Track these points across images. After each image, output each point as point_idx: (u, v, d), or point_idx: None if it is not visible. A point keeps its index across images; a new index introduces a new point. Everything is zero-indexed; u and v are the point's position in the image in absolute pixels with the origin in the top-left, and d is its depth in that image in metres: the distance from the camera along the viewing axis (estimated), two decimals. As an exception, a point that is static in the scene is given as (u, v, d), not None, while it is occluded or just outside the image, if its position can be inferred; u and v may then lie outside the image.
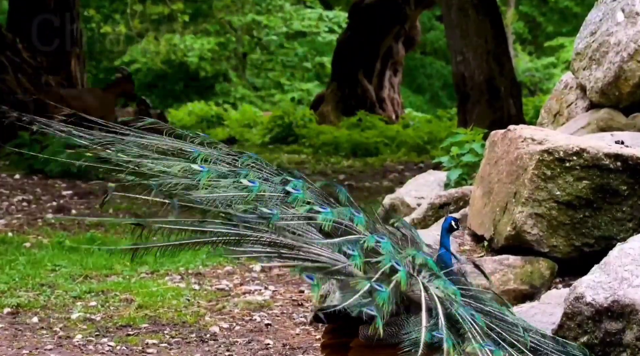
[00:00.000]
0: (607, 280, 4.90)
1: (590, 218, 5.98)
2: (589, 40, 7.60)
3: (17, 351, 6.05)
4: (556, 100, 8.19)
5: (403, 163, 17.92)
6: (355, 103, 23.51)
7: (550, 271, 6.07)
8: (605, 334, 4.83)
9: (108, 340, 6.30)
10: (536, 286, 6.02)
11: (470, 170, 8.35)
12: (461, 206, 7.44)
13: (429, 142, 19.54)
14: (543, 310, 5.52)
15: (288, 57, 34.46)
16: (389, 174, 16.35)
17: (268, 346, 6.26)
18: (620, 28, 7.33)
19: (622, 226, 5.96)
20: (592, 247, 5.97)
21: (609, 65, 7.32)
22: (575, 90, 7.94)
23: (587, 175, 5.94)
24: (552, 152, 5.96)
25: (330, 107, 23.86)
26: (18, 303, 7.04)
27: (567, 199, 5.97)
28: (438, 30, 33.89)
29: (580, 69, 7.70)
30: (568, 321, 4.92)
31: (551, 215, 6.00)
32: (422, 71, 34.85)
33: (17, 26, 17.97)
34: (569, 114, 7.92)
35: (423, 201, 7.96)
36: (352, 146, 19.74)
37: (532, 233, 6.03)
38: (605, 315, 4.81)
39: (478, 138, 8.77)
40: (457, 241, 6.49)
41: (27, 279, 7.75)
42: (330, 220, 4.36)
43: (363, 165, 17.84)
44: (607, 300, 4.82)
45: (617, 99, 7.38)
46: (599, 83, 7.44)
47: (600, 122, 7.34)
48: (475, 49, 16.01)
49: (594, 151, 5.95)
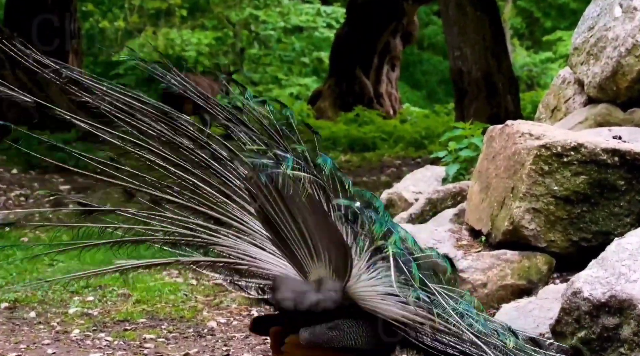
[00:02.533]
0: (605, 275, 4.90)
1: (588, 213, 5.98)
2: (587, 35, 7.59)
3: (14, 345, 6.05)
4: (554, 95, 8.19)
5: (401, 158, 17.91)
6: (353, 98, 23.48)
7: (548, 266, 6.07)
8: (603, 329, 4.83)
9: (105, 335, 6.30)
10: (534, 281, 6.02)
11: (468, 165, 8.35)
12: (459, 201, 7.44)
13: (427, 138, 19.51)
14: (540, 305, 5.52)
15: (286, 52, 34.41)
16: (387, 169, 16.34)
17: (266, 341, 6.25)
18: (618, 23, 7.32)
19: (620, 221, 5.97)
20: (590, 242, 5.97)
21: (606, 60, 7.32)
22: (573, 85, 7.94)
23: (584, 170, 5.94)
24: (550, 147, 5.96)
25: (327, 103, 23.84)
26: (15, 298, 7.04)
27: (565, 194, 5.97)
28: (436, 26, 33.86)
29: (578, 64, 7.70)
30: (565, 316, 4.92)
31: (549, 210, 6.00)
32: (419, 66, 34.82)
33: (15, 24, 17.93)
34: (567, 109, 7.91)
35: (421, 196, 7.95)
36: (350, 141, 19.71)
37: (529, 228, 6.04)
38: (603, 310, 4.82)
39: (477, 133, 8.77)
40: (455, 236, 6.49)
41: (25, 274, 7.74)
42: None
43: (361, 160, 17.83)
44: (604, 295, 4.82)
45: (614, 94, 7.37)
46: (596, 78, 7.43)
47: (598, 117, 7.34)
48: (473, 45, 16.00)
49: (592, 146, 5.95)
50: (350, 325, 4.04)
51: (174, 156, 4.40)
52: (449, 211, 7.20)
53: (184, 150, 4.39)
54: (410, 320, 4.01)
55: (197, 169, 4.40)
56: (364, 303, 4.06)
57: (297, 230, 4.06)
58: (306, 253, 4.11)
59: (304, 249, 4.10)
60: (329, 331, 4.01)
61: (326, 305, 4.04)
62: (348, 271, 4.00)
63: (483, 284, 6.00)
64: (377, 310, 4.02)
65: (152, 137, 4.39)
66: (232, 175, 4.33)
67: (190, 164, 4.40)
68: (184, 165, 4.41)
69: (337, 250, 4.00)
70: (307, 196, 3.83)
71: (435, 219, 7.23)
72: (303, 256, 4.12)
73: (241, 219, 4.32)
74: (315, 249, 4.08)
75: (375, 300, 4.04)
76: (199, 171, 4.40)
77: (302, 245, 4.10)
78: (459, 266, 6.03)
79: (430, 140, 18.93)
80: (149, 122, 4.37)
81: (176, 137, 4.37)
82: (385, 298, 4.02)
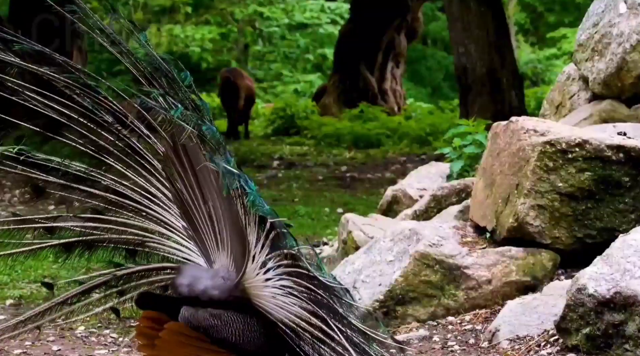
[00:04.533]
0: (610, 272, 4.90)
1: (593, 209, 5.98)
2: (592, 31, 7.59)
3: (19, 343, 6.05)
4: (558, 91, 8.18)
5: (405, 155, 17.91)
6: (357, 95, 23.48)
7: (553, 262, 6.07)
8: (608, 326, 4.82)
9: (110, 332, 6.30)
10: (538, 278, 6.02)
11: (473, 162, 8.34)
12: (463, 197, 7.44)
13: (431, 134, 19.51)
14: (545, 301, 5.52)
15: (290, 48, 34.44)
16: (391, 166, 16.35)
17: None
18: (622, 19, 7.31)
19: (625, 218, 5.96)
20: (595, 239, 5.97)
21: (611, 56, 7.31)
22: (578, 81, 7.94)
23: (589, 167, 5.94)
24: (555, 143, 5.96)
25: (332, 99, 23.85)
26: (20, 295, 7.05)
27: (570, 190, 5.96)
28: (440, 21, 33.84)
29: (582, 61, 7.69)
30: (570, 313, 4.92)
31: (553, 207, 6.00)
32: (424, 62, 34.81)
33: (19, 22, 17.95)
34: (572, 106, 7.91)
35: (425, 193, 7.95)
36: (354, 137, 19.72)
37: (534, 225, 6.03)
38: (608, 307, 4.81)
39: (481, 129, 8.76)
40: (460, 233, 6.49)
41: (29, 271, 7.75)
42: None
43: (365, 157, 17.83)
44: (609, 292, 4.82)
45: (619, 91, 7.37)
46: (601, 74, 7.43)
47: (602, 113, 7.34)
48: (477, 41, 16.00)
49: (597, 143, 5.95)
50: (235, 319, 3.84)
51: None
52: (453, 207, 7.19)
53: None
54: (298, 325, 3.85)
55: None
56: (257, 300, 3.87)
57: (206, 213, 3.90)
58: (213, 240, 3.93)
59: (212, 235, 3.93)
60: (211, 318, 3.81)
61: (219, 294, 3.84)
62: (245, 264, 3.81)
63: (488, 281, 6.00)
64: (268, 309, 3.84)
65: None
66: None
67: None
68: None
69: (238, 239, 3.83)
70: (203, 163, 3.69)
71: (439, 216, 7.23)
72: (210, 243, 3.94)
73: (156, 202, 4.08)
74: (220, 237, 3.91)
75: (266, 299, 3.85)
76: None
77: (209, 231, 3.93)
78: (463, 262, 6.03)
79: (434, 137, 18.93)
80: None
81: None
82: (277, 298, 3.85)
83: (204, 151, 3.74)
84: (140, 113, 3.89)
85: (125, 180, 4.10)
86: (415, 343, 5.69)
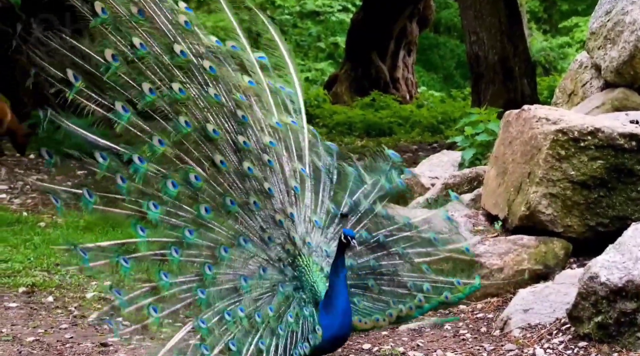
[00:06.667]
0: (622, 260, 4.89)
1: (605, 197, 5.97)
2: (604, 19, 7.56)
3: (32, 330, 6.08)
4: (571, 80, 8.16)
5: (417, 143, 17.88)
6: (369, 83, 23.43)
7: (565, 251, 6.06)
8: (620, 314, 4.82)
9: (123, 319, 6.31)
10: (550, 266, 6.02)
11: (485, 150, 8.34)
12: (475, 186, 7.43)
13: (443, 122, 19.47)
14: (557, 289, 5.52)
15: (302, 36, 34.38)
16: (403, 154, 16.27)
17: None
18: (635, 7, 7.29)
19: (637, 206, 5.95)
20: (607, 227, 5.96)
21: (624, 44, 7.29)
22: (590, 69, 7.91)
23: (601, 155, 5.93)
24: (567, 132, 5.95)
25: (344, 87, 23.80)
26: (33, 282, 7.07)
27: (582, 179, 5.95)
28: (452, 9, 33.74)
29: (595, 49, 7.67)
30: (582, 301, 4.92)
31: (565, 195, 5.99)
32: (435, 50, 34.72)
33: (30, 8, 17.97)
34: (584, 94, 7.89)
35: (437, 181, 7.95)
36: (366, 126, 19.68)
37: (546, 213, 6.03)
38: (620, 295, 4.81)
39: (493, 118, 8.75)
40: (472, 221, 6.49)
41: (42, 258, 7.77)
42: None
43: (377, 145, 17.78)
44: (621, 280, 4.82)
45: (632, 79, 7.35)
46: (613, 62, 7.40)
47: (615, 101, 7.32)
48: (489, 29, 15.94)
49: (609, 131, 5.93)
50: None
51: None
52: (465, 196, 7.19)
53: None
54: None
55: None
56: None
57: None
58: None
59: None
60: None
61: None
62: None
63: (499, 269, 5.99)
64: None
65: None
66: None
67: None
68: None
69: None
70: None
71: (451, 204, 7.23)
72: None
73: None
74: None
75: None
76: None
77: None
78: (474, 251, 6.03)
79: (446, 125, 18.88)
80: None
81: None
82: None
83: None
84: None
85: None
86: (427, 332, 5.69)
